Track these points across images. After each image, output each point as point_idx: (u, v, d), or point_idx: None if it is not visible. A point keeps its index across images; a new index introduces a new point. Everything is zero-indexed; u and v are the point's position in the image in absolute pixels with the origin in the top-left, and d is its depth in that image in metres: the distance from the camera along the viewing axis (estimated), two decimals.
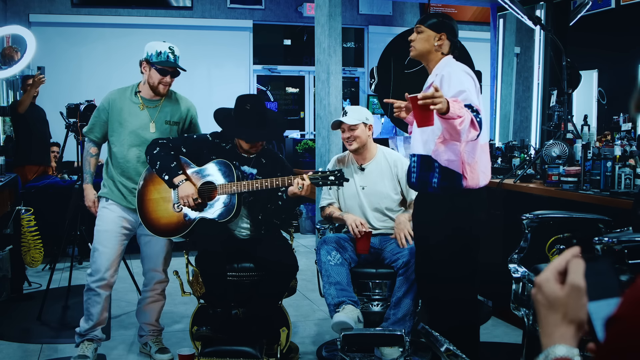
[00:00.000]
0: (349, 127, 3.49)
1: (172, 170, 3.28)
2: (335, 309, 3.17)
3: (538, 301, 1.01)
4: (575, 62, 5.12)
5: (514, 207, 3.97)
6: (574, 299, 0.96)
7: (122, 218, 3.45)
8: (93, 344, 3.50)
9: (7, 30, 6.10)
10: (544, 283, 1.00)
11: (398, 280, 3.25)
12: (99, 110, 3.48)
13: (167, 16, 7.98)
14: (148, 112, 3.43)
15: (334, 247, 3.31)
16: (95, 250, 3.42)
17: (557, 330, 0.96)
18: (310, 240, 6.95)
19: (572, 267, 0.98)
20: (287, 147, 8.05)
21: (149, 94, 3.44)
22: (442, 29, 2.92)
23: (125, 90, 3.48)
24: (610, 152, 3.69)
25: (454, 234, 2.86)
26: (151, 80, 3.40)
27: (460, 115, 2.56)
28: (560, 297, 0.97)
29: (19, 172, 5.27)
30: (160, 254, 3.56)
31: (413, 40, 2.96)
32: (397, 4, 8.70)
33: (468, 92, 2.71)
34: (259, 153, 3.42)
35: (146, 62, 3.40)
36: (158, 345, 3.63)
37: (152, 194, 3.39)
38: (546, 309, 0.99)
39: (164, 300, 3.69)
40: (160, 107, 3.46)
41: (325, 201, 3.65)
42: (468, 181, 2.83)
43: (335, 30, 5.31)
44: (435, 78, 2.86)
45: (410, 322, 3.21)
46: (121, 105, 3.42)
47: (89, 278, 3.44)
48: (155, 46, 3.41)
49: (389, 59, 5.95)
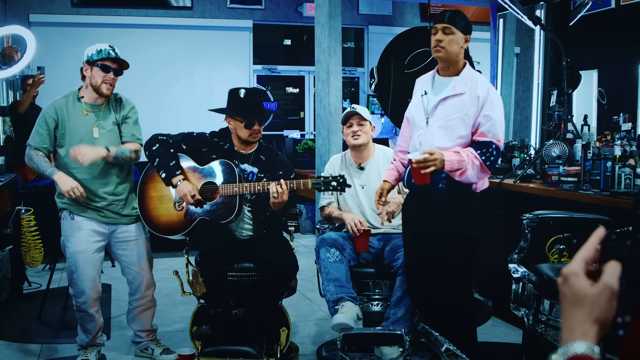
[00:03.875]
0: (358, 122, 3.52)
1: (171, 169, 3.27)
2: (334, 306, 3.18)
3: (563, 294, 0.97)
4: (575, 62, 5.12)
5: (514, 207, 3.97)
6: (605, 299, 0.93)
7: (93, 232, 3.33)
8: (96, 347, 3.50)
9: (7, 30, 6.09)
10: (572, 277, 0.96)
11: (398, 280, 3.25)
12: (45, 122, 3.29)
13: (167, 16, 7.98)
14: (92, 117, 3.32)
15: (333, 245, 3.32)
16: (73, 272, 3.31)
17: (581, 327, 0.93)
18: (310, 240, 6.95)
19: (609, 267, 0.94)
20: (287, 147, 8.05)
21: (92, 98, 3.32)
22: (469, 30, 2.89)
23: (67, 97, 3.35)
24: (610, 152, 3.69)
25: (456, 234, 2.85)
26: (94, 81, 3.28)
27: (460, 168, 2.73)
28: (590, 295, 0.94)
29: (19, 172, 5.27)
30: (142, 257, 3.46)
31: (441, 41, 2.83)
32: (397, 4, 8.69)
33: (496, 123, 2.78)
34: (257, 151, 3.42)
35: (87, 63, 3.30)
36: (161, 347, 3.60)
37: (154, 191, 3.39)
38: (572, 304, 0.95)
39: (155, 304, 3.64)
40: (103, 110, 3.35)
41: (324, 201, 3.65)
42: (477, 186, 2.85)
43: (335, 30, 5.30)
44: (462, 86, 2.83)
45: (410, 321, 3.21)
46: (67, 113, 3.30)
47: (74, 299, 3.37)
48: (94, 47, 3.33)
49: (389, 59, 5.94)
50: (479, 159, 2.74)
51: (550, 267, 2.88)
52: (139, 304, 3.54)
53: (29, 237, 4.85)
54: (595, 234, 0.98)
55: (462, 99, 2.81)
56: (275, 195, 3.10)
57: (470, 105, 2.79)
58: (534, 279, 2.84)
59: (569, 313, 0.95)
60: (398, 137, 3.29)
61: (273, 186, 3.11)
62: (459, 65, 2.89)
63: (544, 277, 2.78)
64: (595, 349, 0.91)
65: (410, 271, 3.10)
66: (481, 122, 2.77)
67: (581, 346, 0.91)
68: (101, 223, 3.35)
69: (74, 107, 3.32)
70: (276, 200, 3.13)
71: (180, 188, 3.25)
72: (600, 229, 0.98)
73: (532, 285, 2.86)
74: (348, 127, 3.55)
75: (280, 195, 3.11)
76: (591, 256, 0.97)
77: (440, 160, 2.70)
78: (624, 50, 6.82)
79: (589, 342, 0.92)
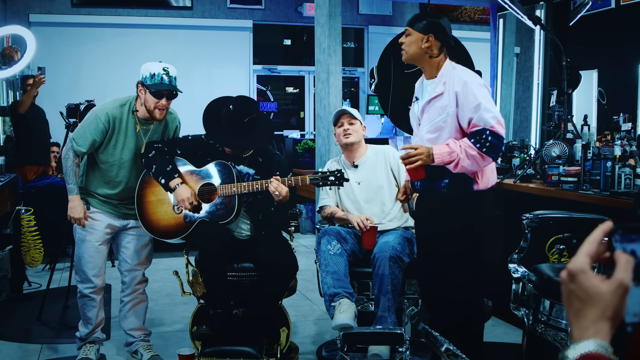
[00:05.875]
0: (349, 121, 3.57)
1: (168, 173, 3.27)
2: (330, 301, 3.19)
3: (572, 291, 0.93)
4: (575, 62, 5.12)
5: (514, 207, 3.97)
6: (619, 297, 0.90)
7: (108, 225, 3.39)
8: (95, 345, 3.50)
9: (7, 30, 6.10)
10: (580, 274, 0.92)
11: (373, 278, 3.27)
12: (97, 127, 3.24)
13: (167, 16, 7.98)
14: (142, 133, 3.34)
15: (335, 237, 3.33)
16: (80, 258, 3.37)
17: (594, 326, 0.90)
18: (310, 240, 6.95)
19: (621, 264, 0.91)
20: (287, 147, 8.05)
21: (145, 115, 3.31)
22: (429, 30, 2.81)
23: (123, 107, 3.31)
24: (610, 152, 3.69)
25: (462, 234, 2.84)
26: (147, 104, 3.25)
27: (452, 160, 2.69)
28: (603, 293, 0.90)
29: (19, 172, 5.28)
30: (141, 253, 3.50)
31: (403, 42, 2.88)
32: (397, 4, 8.70)
33: (482, 109, 2.69)
34: (254, 152, 3.42)
35: (141, 84, 3.26)
36: (150, 352, 3.53)
37: (152, 196, 3.39)
38: (583, 302, 0.92)
39: (147, 300, 3.63)
40: (153, 127, 3.37)
41: (324, 201, 3.65)
42: (479, 185, 2.84)
43: (335, 30, 5.30)
44: (441, 86, 2.80)
45: (391, 318, 3.20)
46: (120, 125, 3.28)
47: (79, 285, 3.42)
48: (149, 68, 3.23)
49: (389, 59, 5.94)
50: (475, 148, 2.68)
51: (550, 267, 2.88)
52: (129, 299, 3.53)
53: (29, 237, 4.85)
54: (599, 228, 0.95)
55: (442, 100, 2.78)
56: (277, 193, 3.11)
57: (450, 104, 2.75)
58: (534, 279, 2.84)
59: (580, 311, 0.92)
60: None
61: (271, 186, 3.11)
62: (434, 65, 2.85)
63: (544, 277, 2.78)
64: (609, 348, 0.89)
65: (420, 270, 3.13)
66: (471, 116, 2.71)
67: (594, 344, 0.89)
68: (115, 217, 3.40)
69: (128, 120, 3.30)
70: (279, 198, 3.14)
71: (178, 193, 3.25)
72: (607, 222, 0.95)
73: (532, 285, 2.86)
74: (339, 126, 3.59)
75: (280, 192, 3.11)
76: (596, 251, 0.94)
77: (427, 154, 2.69)
78: (624, 50, 6.82)
79: (603, 340, 0.89)
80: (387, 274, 3.18)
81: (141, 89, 3.26)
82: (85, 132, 3.26)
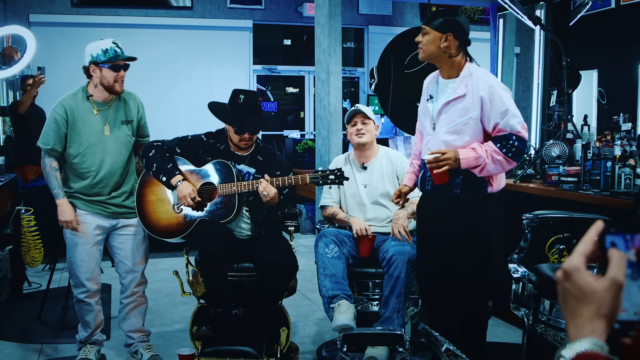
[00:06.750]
0: (362, 120, 3.53)
1: (169, 171, 3.28)
2: (329, 302, 3.18)
3: (567, 290, 0.93)
4: (575, 62, 5.12)
5: (514, 207, 3.97)
6: (613, 294, 0.90)
7: (95, 226, 3.35)
8: (95, 346, 3.50)
9: (7, 30, 6.10)
10: (575, 272, 0.93)
11: (385, 279, 3.25)
12: (57, 123, 3.24)
13: (167, 16, 7.98)
14: (101, 116, 3.31)
15: (332, 240, 3.32)
16: (72, 263, 3.35)
17: (590, 324, 0.91)
18: (310, 240, 6.95)
19: (614, 261, 0.91)
20: (287, 147, 8.05)
21: (102, 96, 3.30)
22: (447, 28, 2.77)
23: (76, 96, 3.30)
24: (610, 152, 3.69)
25: (474, 234, 2.83)
26: (105, 81, 3.24)
27: (478, 164, 2.69)
28: (597, 291, 0.91)
29: (19, 172, 5.27)
30: (137, 253, 3.46)
31: (420, 42, 2.82)
32: (397, 4, 8.69)
33: (510, 115, 2.71)
34: (254, 151, 3.42)
35: (94, 64, 3.25)
36: (150, 352, 3.52)
37: (152, 195, 3.39)
38: (578, 300, 0.92)
39: (147, 302, 3.62)
40: (112, 107, 3.34)
41: (326, 201, 3.65)
42: (493, 187, 2.84)
43: (335, 30, 5.30)
44: (463, 88, 2.77)
45: (399, 320, 3.20)
46: (77, 113, 3.26)
47: (74, 290, 3.40)
48: (98, 45, 3.23)
49: (389, 59, 5.94)
50: (501, 153, 2.69)
51: (550, 267, 2.88)
52: (128, 302, 3.52)
53: (29, 237, 4.85)
54: (593, 227, 0.95)
55: (464, 102, 2.75)
56: (265, 193, 3.11)
57: (473, 107, 2.73)
58: (534, 279, 2.84)
59: (575, 310, 0.93)
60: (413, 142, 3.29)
61: (260, 186, 3.11)
62: (455, 65, 2.81)
63: (544, 277, 2.78)
64: (605, 347, 0.89)
65: (421, 270, 3.10)
66: (498, 121, 2.71)
67: (590, 343, 0.89)
68: (104, 217, 3.37)
69: (84, 107, 3.30)
70: (266, 198, 3.13)
71: (180, 189, 3.25)
72: (599, 222, 0.96)
73: (532, 285, 2.86)
74: (352, 125, 3.55)
75: (268, 192, 3.11)
76: (590, 250, 0.94)
77: (454, 159, 2.68)
78: (624, 50, 6.82)
79: (598, 339, 0.90)
80: (403, 277, 3.17)
81: (94, 68, 3.25)
82: (47, 130, 3.28)
